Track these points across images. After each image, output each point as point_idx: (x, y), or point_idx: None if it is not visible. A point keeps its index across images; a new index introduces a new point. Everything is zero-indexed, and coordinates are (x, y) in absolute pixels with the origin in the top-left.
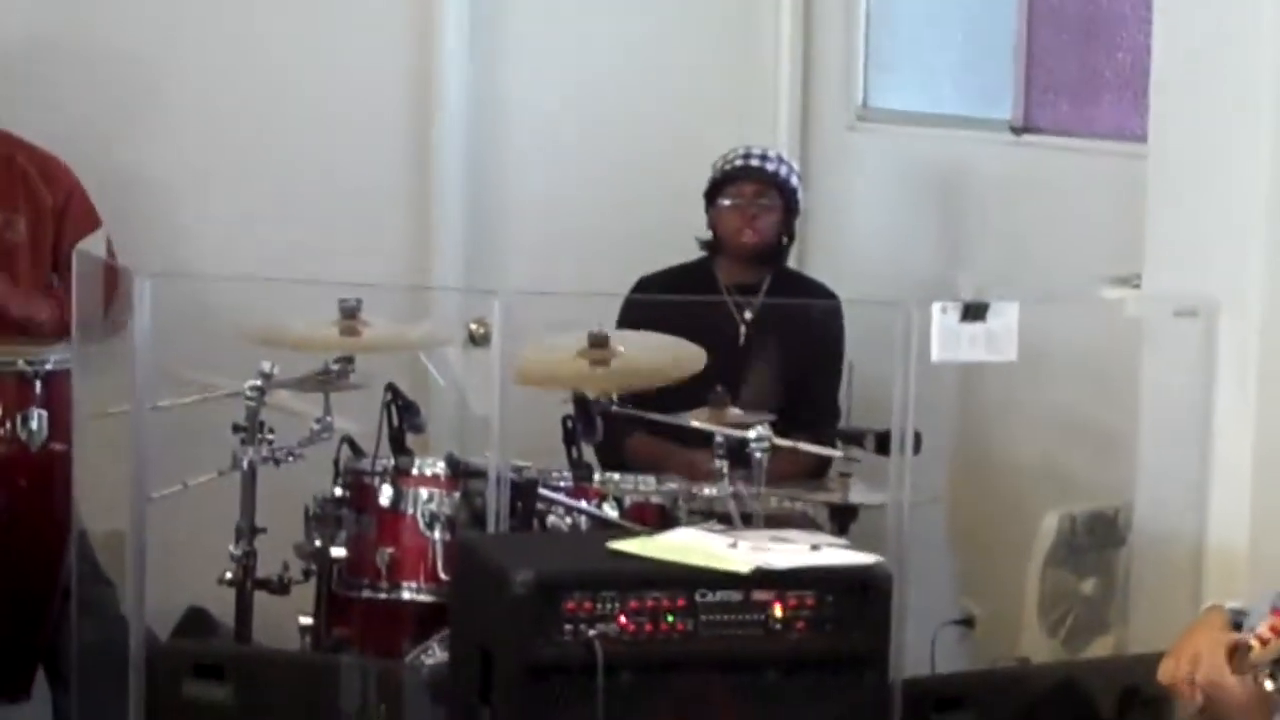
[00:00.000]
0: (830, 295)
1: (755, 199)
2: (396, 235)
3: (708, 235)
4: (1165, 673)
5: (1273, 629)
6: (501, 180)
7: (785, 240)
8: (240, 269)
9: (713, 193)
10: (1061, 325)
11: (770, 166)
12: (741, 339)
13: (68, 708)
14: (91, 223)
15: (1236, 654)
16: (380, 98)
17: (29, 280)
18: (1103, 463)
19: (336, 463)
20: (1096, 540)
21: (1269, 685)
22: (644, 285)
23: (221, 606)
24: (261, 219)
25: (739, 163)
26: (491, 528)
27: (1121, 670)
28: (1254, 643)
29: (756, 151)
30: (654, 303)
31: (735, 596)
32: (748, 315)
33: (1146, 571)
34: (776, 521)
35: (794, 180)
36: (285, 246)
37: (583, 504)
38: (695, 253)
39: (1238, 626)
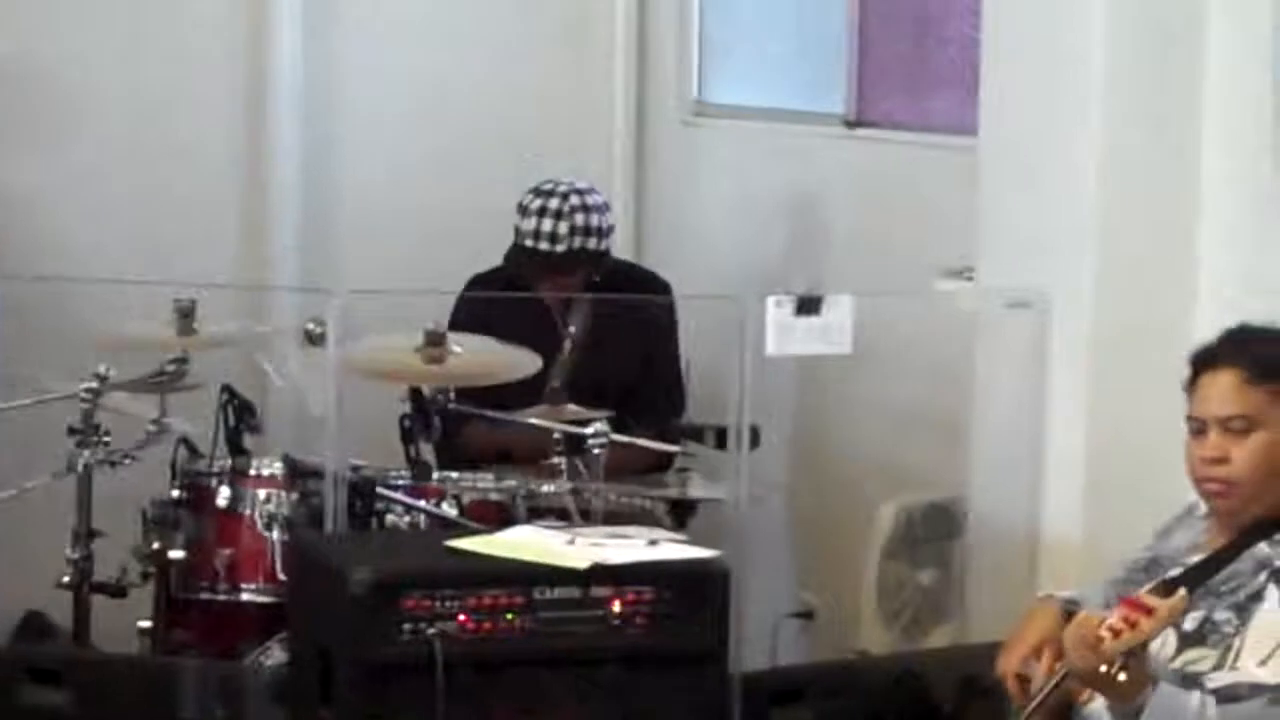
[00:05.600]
0: (662, 286)
1: (556, 276)
2: (231, 235)
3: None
4: (1002, 666)
5: (1125, 620)
6: (336, 179)
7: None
8: (74, 270)
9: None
10: (897, 318)
11: (570, 245)
12: (573, 333)
13: None
14: None
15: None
16: (214, 99)
17: None
18: (939, 455)
19: (173, 464)
20: (933, 531)
21: (1121, 677)
22: (474, 284)
23: (60, 611)
24: (93, 220)
25: (542, 246)
26: (329, 527)
27: (960, 660)
28: (1105, 634)
29: (561, 231)
30: (484, 303)
31: (574, 593)
32: (573, 329)
33: (983, 562)
34: (616, 518)
35: (593, 243)
36: (119, 247)
37: (421, 503)
38: None
39: (1070, 616)
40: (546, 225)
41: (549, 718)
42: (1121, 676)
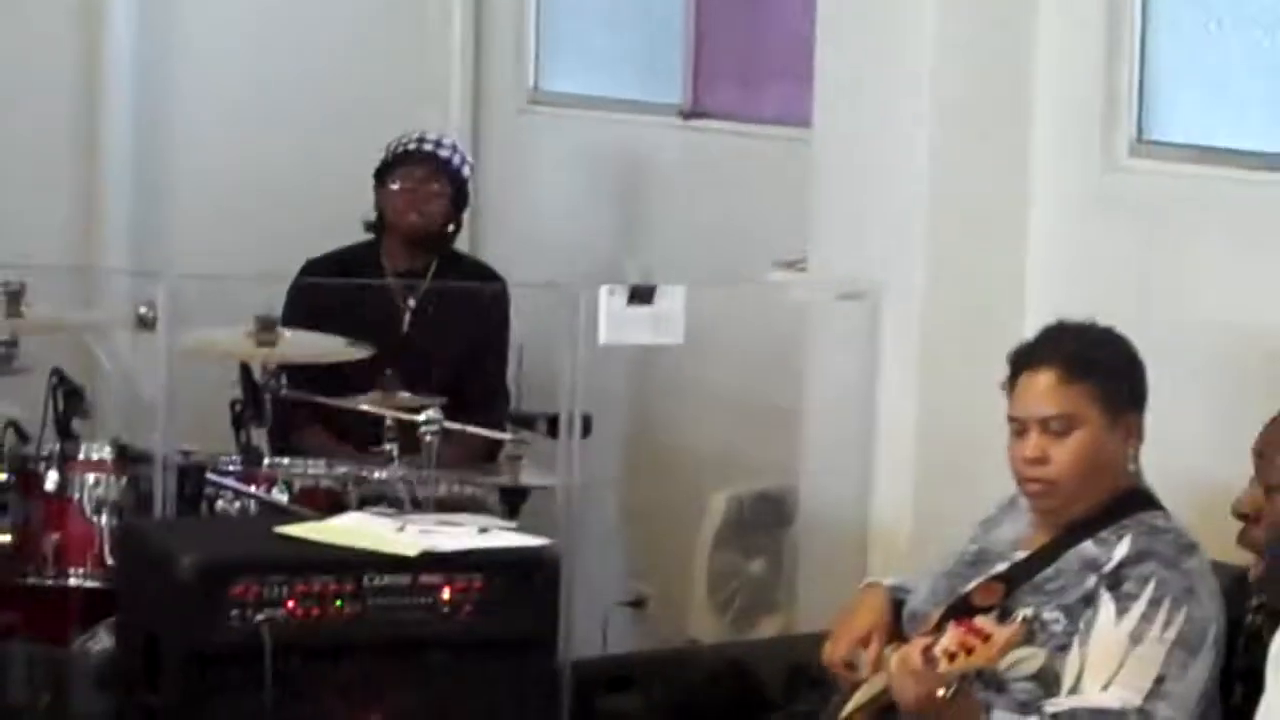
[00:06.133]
0: (496, 278)
1: (424, 183)
2: (63, 216)
3: (372, 217)
4: (829, 654)
5: (962, 645)
6: (170, 163)
7: (452, 229)
8: None
9: (382, 174)
10: (730, 309)
11: (443, 153)
12: (406, 324)
13: None
14: None
15: (926, 665)
16: (46, 74)
17: None
18: (771, 444)
19: (1, 448)
20: (764, 521)
21: (939, 692)
22: (309, 270)
23: None
24: None
25: (411, 146)
26: (158, 513)
27: (789, 649)
28: (939, 655)
29: (431, 137)
30: (318, 289)
31: (403, 580)
32: (411, 302)
33: (813, 551)
34: (447, 505)
35: (465, 170)
36: None
37: (252, 489)
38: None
39: (898, 604)
40: (430, 135)
41: (378, 705)
42: (940, 692)
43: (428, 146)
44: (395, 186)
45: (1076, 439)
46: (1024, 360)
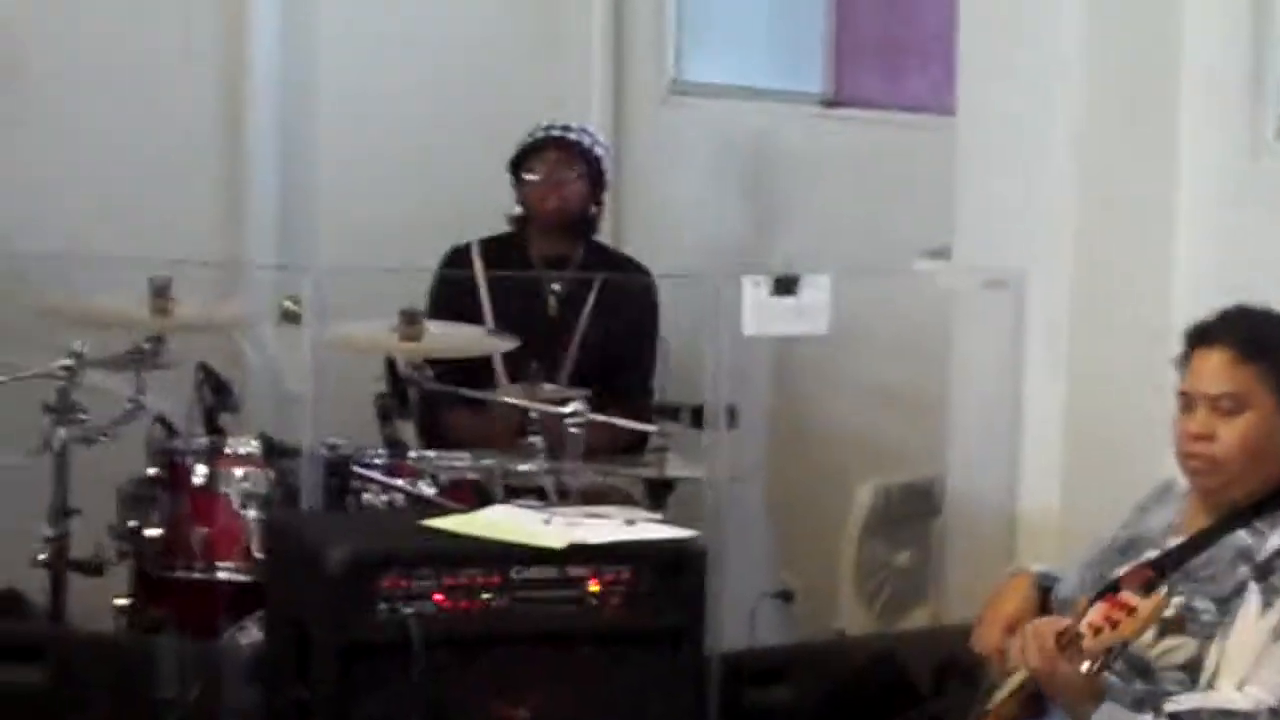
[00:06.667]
0: (642, 271)
1: (559, 169)
2: (208, 211)
3: (517, 211)
4: (979, 642)
5: (1107, 619)
6: (314, 156)
7: (593, 210)
8: (49, 244)
9: (518, 166)
10: (875, 298)
11: (573, 136)
12: (552, 311)
13: None
14: None
15: (1069, 642)
16: (191, 71)
17: None
18: (917, 434)
19: (150, 442)
20: (911, 511)
21: (1084, 666)
22: (455, 256)
23: (37, 589)
24: (70, 193)
25: (541, 134)
26: (305, 506)
27: (938, 640)
28: (1084, 630)
29: (560, 123)
30: (464, 278)
31: (550, 572)
32: (556, 287)
33: (960, 541)
34: (593, 497)
35: (598, 150)
36: (95, 221)
37: (398, 481)
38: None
39: (1046, 590)
40: (560, 121)
41: (526, 697)
42: (1084, 666)
43: (556, 133)
44: (532, 177)
45: (1245, 420)
46: (1200, 337)
